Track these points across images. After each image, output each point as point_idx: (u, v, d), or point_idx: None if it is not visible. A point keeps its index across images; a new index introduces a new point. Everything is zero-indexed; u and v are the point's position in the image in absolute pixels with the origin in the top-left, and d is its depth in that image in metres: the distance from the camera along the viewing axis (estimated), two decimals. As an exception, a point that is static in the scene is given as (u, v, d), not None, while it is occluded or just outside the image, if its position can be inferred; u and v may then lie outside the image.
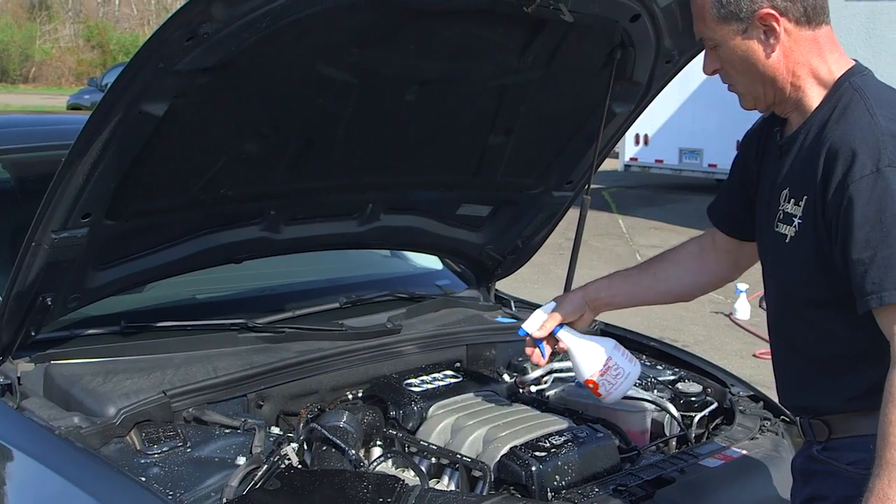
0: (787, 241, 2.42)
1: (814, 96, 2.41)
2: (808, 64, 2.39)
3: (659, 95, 3.73)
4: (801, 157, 2.40)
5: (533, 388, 3.49)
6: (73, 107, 28.17)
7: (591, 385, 2.95)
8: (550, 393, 3.48)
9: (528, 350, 3.04)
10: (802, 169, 2.38)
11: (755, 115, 2.63)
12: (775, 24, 2.34)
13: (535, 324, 2.99)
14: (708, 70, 2.51)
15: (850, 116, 2.29)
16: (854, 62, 2.43)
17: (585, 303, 2.99)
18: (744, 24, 2.36)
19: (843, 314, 2.31)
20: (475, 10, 2.92)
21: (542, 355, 3.00)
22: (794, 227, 2.39)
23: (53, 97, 39.07)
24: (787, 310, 2.52)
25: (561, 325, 2.97)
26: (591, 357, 2.94)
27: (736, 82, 2.49)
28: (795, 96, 2.42)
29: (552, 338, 2.99)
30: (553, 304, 3.01)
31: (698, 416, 3.40)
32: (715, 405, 3.47)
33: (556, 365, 3.63)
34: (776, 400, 3.54)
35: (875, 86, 2.37)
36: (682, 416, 3.39)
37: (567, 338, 2.97)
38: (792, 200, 2.40)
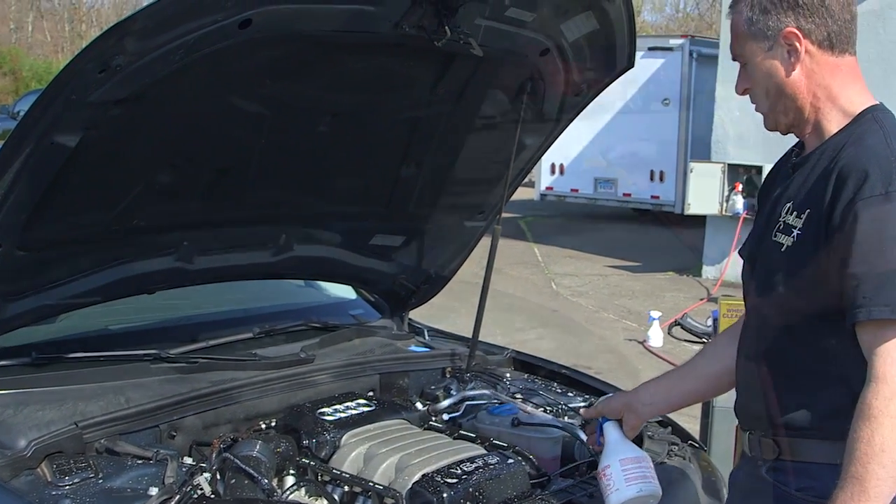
0: (782, 249, 2.47)
1: (832, 121, 2.49)
2: (829, 89, 2.48)
3: (574, 126, 3.79)
4: (811, 175, 2.47)
5: (445, 416, 3.52)
6: (-16, 134, 27.68)
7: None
8: (462, 421, 3.51)
9: (589, 430, 3.12)
10: (811, 185, 2.45)
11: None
12: (797, 44, 2.44)
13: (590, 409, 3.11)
14: (739, 89, 2.61)
15: (865, 142, 2.38)
16: (878, 102, 2.52)
17: (622, 406, 2.95)
18: (770, 42, 2.47)
19: (827, 328, 2.38)
20: (386, 44, 2.97)
21: (597, 441, 2.96)
22: (793, 237, 2.45)
23: (-36, 124, 38.32)
24: (771, 320, 2.56)
25: (606, 420, 2.93)
26: (603, 454, 2.87)
27: (759, 101, 2.58)
28: (814, 119, 2.51)
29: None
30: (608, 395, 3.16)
31: (608, 441, 3.44)
32: (624, 431, 3.52)
33: (469, 392, 3.67)
34: (684, 426, 3.62)
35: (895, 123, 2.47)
36: (591, 441, 3.44)
37: (606, 430, 2.92)
38: (794, 213, 2.46)
